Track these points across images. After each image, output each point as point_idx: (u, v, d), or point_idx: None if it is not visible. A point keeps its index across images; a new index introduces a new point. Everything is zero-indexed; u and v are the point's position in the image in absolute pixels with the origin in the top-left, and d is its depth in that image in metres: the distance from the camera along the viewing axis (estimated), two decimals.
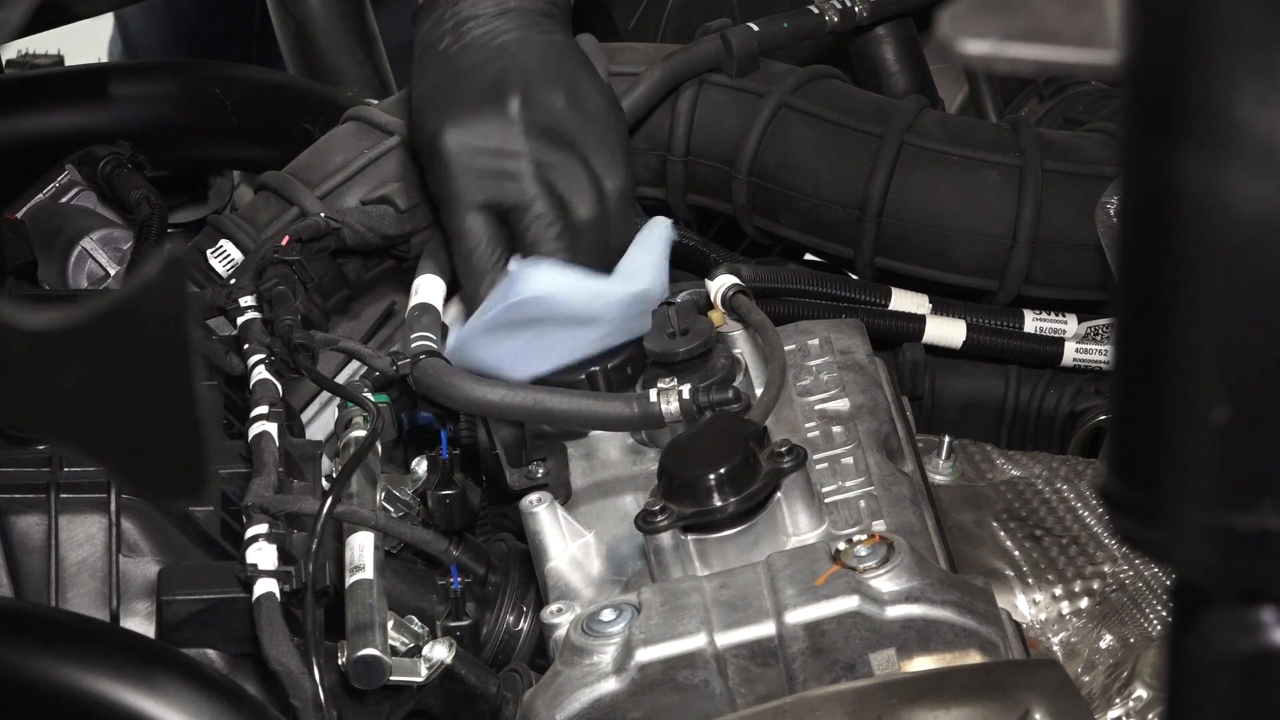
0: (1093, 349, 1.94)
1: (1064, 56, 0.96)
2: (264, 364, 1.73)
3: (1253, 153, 0.84)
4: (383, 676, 1.51)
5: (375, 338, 1.99)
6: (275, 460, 1.62)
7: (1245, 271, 0.86)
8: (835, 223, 1.94)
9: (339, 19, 2.40)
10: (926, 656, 1.41)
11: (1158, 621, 1.67)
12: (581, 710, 1.42)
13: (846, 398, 1.70)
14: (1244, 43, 0.83)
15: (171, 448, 1.05)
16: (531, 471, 1.70)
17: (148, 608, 1.54)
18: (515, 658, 1.66)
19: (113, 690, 1.38)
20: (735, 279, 1.76)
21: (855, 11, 2.07)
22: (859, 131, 1.94)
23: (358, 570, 1.56)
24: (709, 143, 1.98)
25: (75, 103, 2.17)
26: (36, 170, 2.08)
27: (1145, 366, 0.89)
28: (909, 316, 1.93)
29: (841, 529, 1.54)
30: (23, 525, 1.55)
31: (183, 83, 2.24)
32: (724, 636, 1.42)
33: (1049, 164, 1.91)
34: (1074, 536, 1.75)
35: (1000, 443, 1.96)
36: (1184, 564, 0.92)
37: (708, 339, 1.68)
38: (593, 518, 1.63)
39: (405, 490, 1.68)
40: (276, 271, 1.82)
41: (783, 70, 2.00)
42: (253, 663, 1.52)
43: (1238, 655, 0.91)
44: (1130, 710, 1.58)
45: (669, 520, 1.48)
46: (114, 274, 1.99)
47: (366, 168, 1.95)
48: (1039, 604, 1.71)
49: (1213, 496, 0.88)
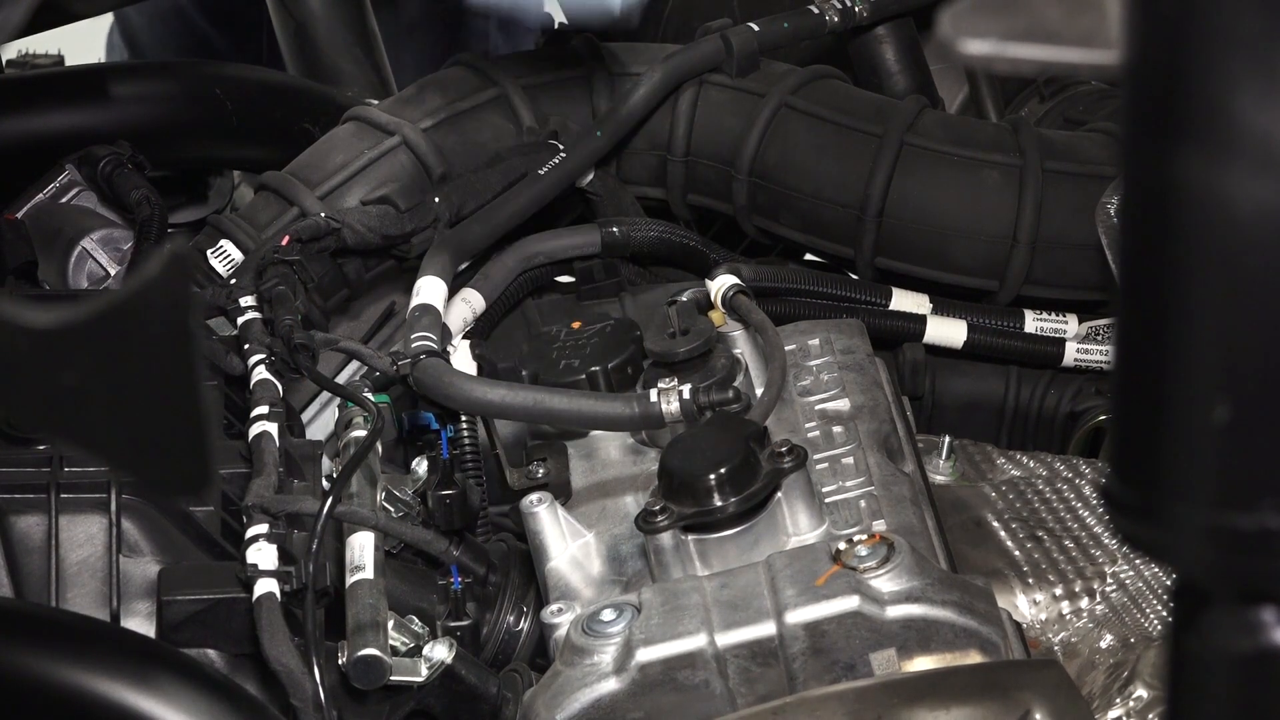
0: (1093, 349, 1.94)
1: (1064, 56, 0.96)
2: (264, 364, 1.73)
3: (1253, 153, 0.84)
4: (383, 676, 1.51)
5: (375, 338, 1.99)
6: (275, 460, 1.62)
7: (1245, 271, 0.86)
8: (835, 223, 1.94)
9: (339, 19, 2.40)
10: (927, 656, 1.41)
11: (1158, 621, 1.67)
12: (581, 710, 1.42)
13: (847, 398, 1.70)
14: (1244, 43, 0.83)
15: (174, 446, 1.05)
16: (531, 471, 1.71)
17: (148, 608, 1.54)
18: (515, 658, 1.66)
19: (113, 690, 1.38)
20: (735, 279, 1.76)
21: (855, 11, 2.07)
22: (859, 131, 1.94)
23: (358, 570, 1.56)
24: (709, 143, 1.98)
25: (75, 103, 2.17)
26: (36, 170, 2.08)
27: (1146, 366, 0.89)
28: (909, 316, 1.93)
29: (842, 529, 1.54)
30: (23, 525, 1.55)
31: (183, 83, 2.24)
32: (724, 636, 1.42)
33: (1049, 164, 1.91)
34: (1074, 536, 1.75)
35: (1000, 443, 1.96)
36: (1184, 564, 0.92)
37: (708, 339, 1.68)
38: (593, 518, 1.63)
39: (405, 490, 1.68)
40: (276, 271, 1.82)
41: (783, 70, 2.00)
42: (253, 663, 1.52)
43: (1238, 655, 0.91)
44: (1130, 710, 1.58)
45: (669, 520, 1.48)
46: (114, 274, 1.99)
47: (366, 168, 1.95)
48: (1039, 604, 1.71)
49: (1213, 496, 0.88)
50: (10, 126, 2.14)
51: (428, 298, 1.77)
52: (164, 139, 2.18)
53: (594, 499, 1.66)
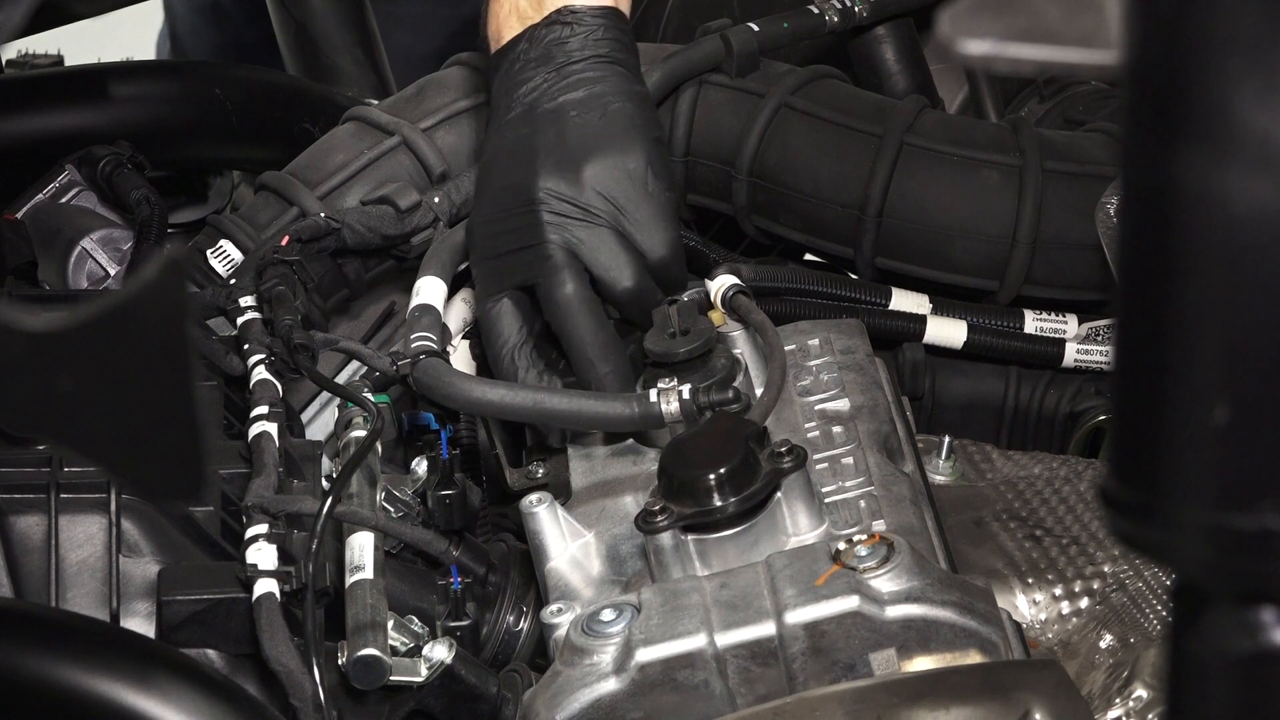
0: (1093, 350, 1.94)
1: (1064, 56, 0.96)
2: (264, 364, 1.73)
3: (1253, 153, 0.84)
4: (383, 676, 1.51)
5: (375, 338, 1.99)
6: (275, 460, 1.62)
7: (1245, 271, 0.86)
8: (835, 223, 1.94)
9: (339, 19, 2.40)
10: (926, 656, 1.41)
11: (1158, 621, 1.67)
12: (581, 710, 1.42)
13: (846, 398, 1.70)
14: (1244, 43, 0.83)
15: (170, 449, 1.05)
16: (531, 471, 1.71)
17: (148, 608, 1.54)
18: (515, 658, 1.66)
19: (113, 690, 1.38)
20: (735, 279, 1.76)
21: (855, 11, 2.07)
22: (859, 132, 1.94)
23: (358, 570, 1.56)
24: (709, 143, 1.98)
25: (75, 103, 2.17)
26: (36, 170, 2.08)
27: (1145, 367, 0.89)
28: (910, 316, 1.93)
29: (841, 529, 1.54)
30: (23, 525, 1.55)
31: (183, 83, 2.24)
32: (724, 636, 1.42)
33: (1049, 164, 1.91)
34: (1074, 536, 1.75)
35: (1000, 443, 1.96)
36: (1184, 564, 0.92)
37: (708, 339, 1.68)
38: (593, 518, 1.63)
39: (405, 490, 1.68)
40: (276, 271, 1.82)
41: (783, 70, 1.99)
42: (253, 663, 1.52)
43: (1238, 656, 0.91)
44: (1130, 710, 1.58)
45: (669, 520, 1.48)
46: (114, 274, 1.99)
47: (366, 168, 1.95)
48: (1039, 604, 1.71)
49: (1213, 497, 0.88)
50: (10, 126, 2.14)
51: (427, 298, 1.76)
52: (164, 139, 2.18)
53: (594, 499, 1.66)
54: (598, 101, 1.74)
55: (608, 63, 1.76)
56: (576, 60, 1.75)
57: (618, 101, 1.74)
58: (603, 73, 1.75)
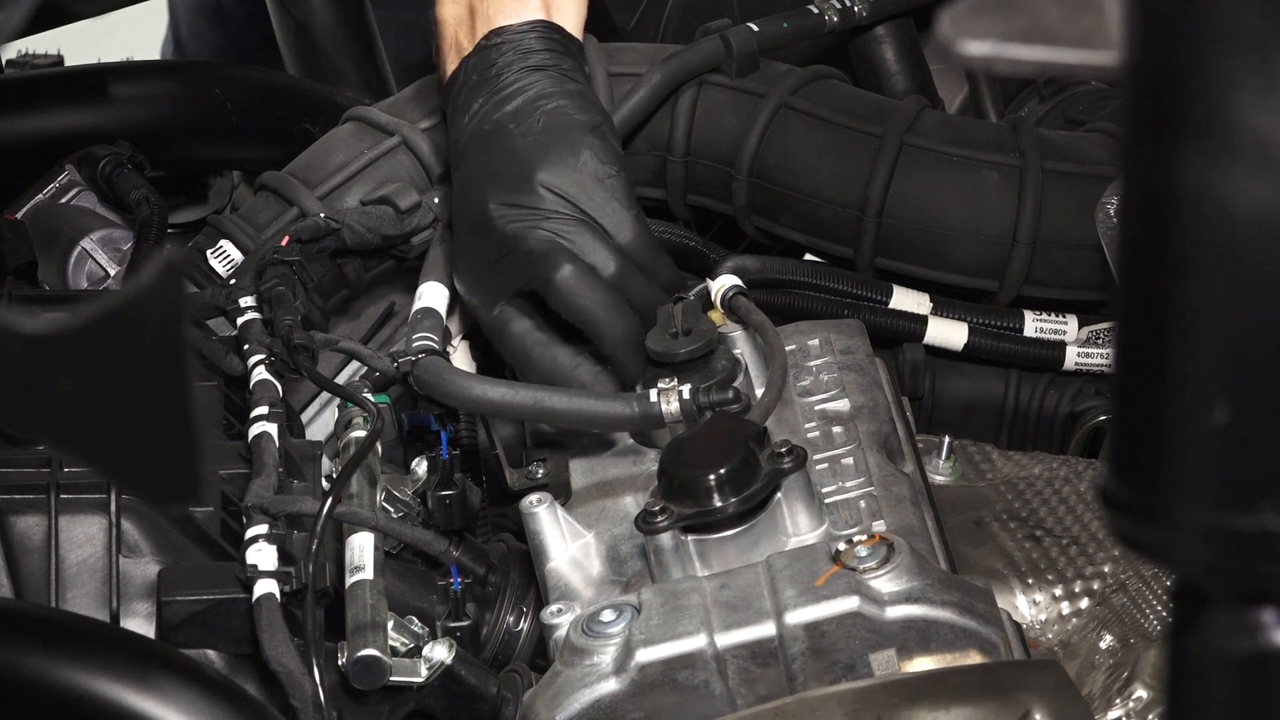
0: (1094, 353, 1.94)
1: (1064, 57, 0.96)
2: (264, 364, 1.73)
3: (1253, 153, 0.84)
4: (383, 677, 1.51)
5: (375, 338, 1.99)
6: (275, 461, 1.61)
7: (1245, 271, 0.86)
8: (835, 223, 1.94)
9: (339, 19, 2.40)
10: (926, 657, 1.41)
11: (1158, 621, 1.67)
12: (581, 710, 1.42)
13: (846, 398, 1.70)
14: (1244, 43, 0.83)
15: (166, 452, 1.05)
16: (531, 471, 1.70)
17: (148, 608, 1.54)
18: (515, 658, 1.66)
19: (113, 690, 1.38)
20: (736, 280, 1.76)
21: (855, 11, 2.07)
22: (859, 132, 1.94)
23: (358, 571, 1.56)
24: (709, 143, 1.98)
25: (75, 103, 2.17)
26: (36, 170, 2.08)
27: (1145, 367, 0.89)
28: (910, 316, 1.93)
29: (841, 529, 1.54)
30: (23, 525, 1.55)
31: (183, 83, 2.24)
32: (724, 637, 1.42)
33: (1049, 164, 1.91)
34: (1074, 536, 1.75)
35: (1000, 443, 1.96)
36: (1184, 565, 0.92)
37: (709, 340, 1.68)
38: (593, 518, 1.63)
39: (405, 490, 1.68)
40: (276, 272, 1.82)
41: (783, 70, 1.99)
42: (253, 663, 1.52)
43: (1238, 656, 0.91)
44: (1130, 710, 1.58)
45: (669, 521, 1.48)
46: (114, 274, 1.99)
47: (366, 168, 1.95)
48: (1039, 604, 1.71)
49: (1212, 497, 0.88)
50: (10, 126, 2.14)
51: (430, 301, 1.77)
52: (164, 139, 2.18)
53: (594, 499, 1.66)
54: (531, 108, 1.76)
55: (535, 69, 1.78)
56: (505, 75, 1.78)
57: (551, 102, 1.77)
58: (532, 79, 1.78)
